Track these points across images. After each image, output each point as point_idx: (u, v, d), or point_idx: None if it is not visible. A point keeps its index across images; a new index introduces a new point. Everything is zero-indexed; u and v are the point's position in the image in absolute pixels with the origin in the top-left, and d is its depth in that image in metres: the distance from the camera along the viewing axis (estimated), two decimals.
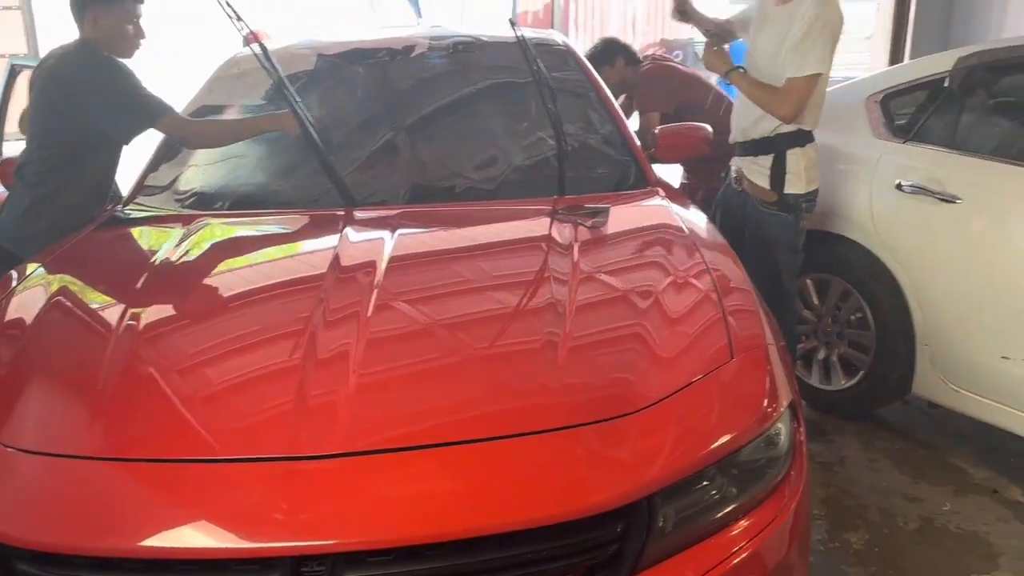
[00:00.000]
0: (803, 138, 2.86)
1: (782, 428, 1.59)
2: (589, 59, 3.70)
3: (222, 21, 2.32)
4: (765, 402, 1.60)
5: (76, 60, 2.62)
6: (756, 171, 2.93)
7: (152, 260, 2.18)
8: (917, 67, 3.23)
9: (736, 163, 3.08)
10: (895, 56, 5.75)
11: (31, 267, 2.23)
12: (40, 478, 1.44)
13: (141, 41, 2.73)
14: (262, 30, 4.64)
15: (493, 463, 1.42)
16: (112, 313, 1.90)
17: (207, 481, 1.40)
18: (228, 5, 2.22)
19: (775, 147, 2.87)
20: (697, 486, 1.47)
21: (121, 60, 2.68)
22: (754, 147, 2.92)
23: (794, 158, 2.85)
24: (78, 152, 2.67)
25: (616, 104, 3.06)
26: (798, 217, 2.90)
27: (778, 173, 2.88)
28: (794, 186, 2.87)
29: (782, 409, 1.61)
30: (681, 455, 1.46)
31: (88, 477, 1.43)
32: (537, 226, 2.30)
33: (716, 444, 1.48)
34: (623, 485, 1.39)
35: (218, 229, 2.38)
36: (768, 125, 2.86)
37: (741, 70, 2.88)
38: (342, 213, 2.36)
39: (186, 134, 2.69)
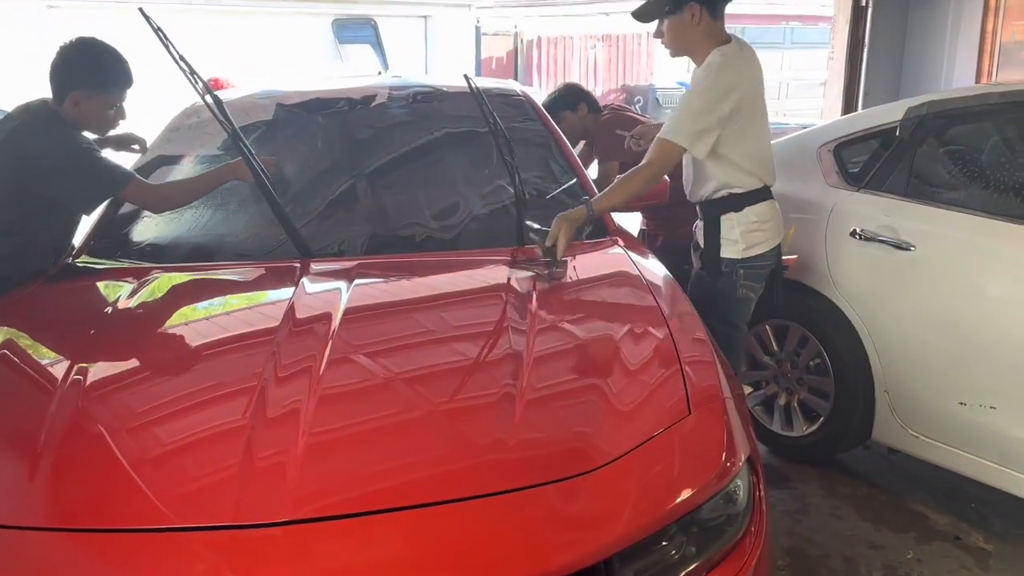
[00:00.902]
0: (737, 202, 2.67)
1: (740, 484, 1.58)
2: (552, 103, 3.73)
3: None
4: (723, 457, 1.58)
5: (38, 129, 2.49)
6: (698, 234, 2.85)
7: (101, 314, 2.12)
8: (869, 117, 3.30)
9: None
10: (848, 103, 5.89)
11: None
12: None
13: (120, 121, 2.63)
14: (225, 77, 4.64)
15: (448, 527, 1.39)
16: (57, 369, 1.84)
17: (149, 551, 1.34)
18: (182, 59, 2.20)
19: (706, 213, 2.74)
20: (656, 546, 1.44)
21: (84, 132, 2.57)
22: (699, 210, 2.82)
23: (728, 223, 2.69)
24: (32, 220, 2.53)
25: (575, 153, 3.09)
26: (735, 284, 2.72)
27: (712, 238, 2.72)
28: (729, 251, 2.70)
29: (740, 464, 1.59)
30: (641, 514, 1.43)
31: (24, 548, 1.37)
32: (495, 276, 2.29)
33: (676, 502, 1.46)
34: (584, 547, 1.36)
35: (170, 282, 2.33)
36: (698, 192, 2.73)
37: (589, 200, 2.54)
38: (298, 264, 2.33)
39: (150, 200, 2.60)
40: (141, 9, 2.20)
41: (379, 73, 4.78)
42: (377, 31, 13.86)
